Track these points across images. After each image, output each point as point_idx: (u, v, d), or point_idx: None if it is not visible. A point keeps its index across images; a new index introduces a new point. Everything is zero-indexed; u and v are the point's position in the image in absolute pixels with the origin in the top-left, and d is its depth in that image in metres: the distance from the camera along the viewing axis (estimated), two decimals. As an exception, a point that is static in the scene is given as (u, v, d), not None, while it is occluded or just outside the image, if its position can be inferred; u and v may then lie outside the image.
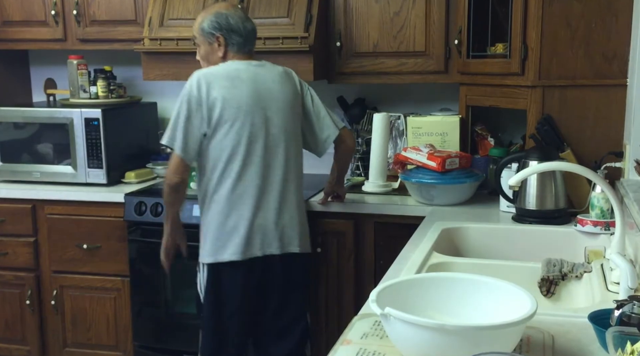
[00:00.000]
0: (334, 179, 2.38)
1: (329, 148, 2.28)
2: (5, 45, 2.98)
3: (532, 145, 2.20)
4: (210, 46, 2.12)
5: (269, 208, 2.08)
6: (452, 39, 2.51)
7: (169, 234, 2.22)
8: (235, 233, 2.06)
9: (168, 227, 2.22)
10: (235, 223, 2.06)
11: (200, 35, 2.14)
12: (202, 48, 2.15)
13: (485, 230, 2.02)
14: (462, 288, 1.20)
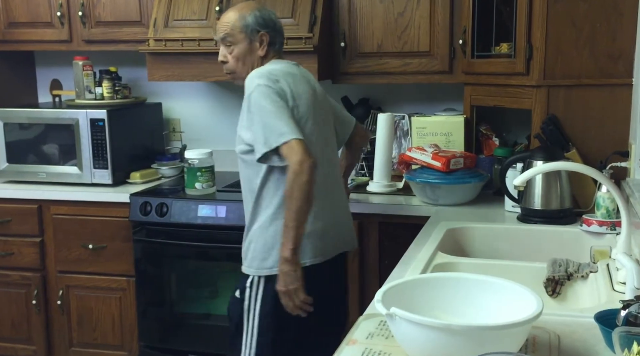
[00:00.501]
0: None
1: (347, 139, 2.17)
2: (11, 47, 2.99)
3: (537, 145, 2.20)
4: (250, 44, 1.91)
5: (338, 206, 1.99)
6: (456, 39, 2.51)
7: (296, 263, 1.77)
8: (314, 235, 1.86)
9: (294, 244, 1.76)
10: (314, 226, 1.85)
11: (239, 32, 1.91)
12: (238, 46, 1.91)
13: (490, 230, 2.02)
14: (468, 288, 1.20)
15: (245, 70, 1.93)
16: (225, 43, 1.93)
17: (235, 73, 1.95)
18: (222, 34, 1.93)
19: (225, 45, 1.94)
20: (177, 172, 2.91)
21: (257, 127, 1.79)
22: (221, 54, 1.95)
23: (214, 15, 2.59)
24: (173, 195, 2.62)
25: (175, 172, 2.92)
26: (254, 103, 1.81)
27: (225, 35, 1.93)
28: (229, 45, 1.93)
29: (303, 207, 1.74)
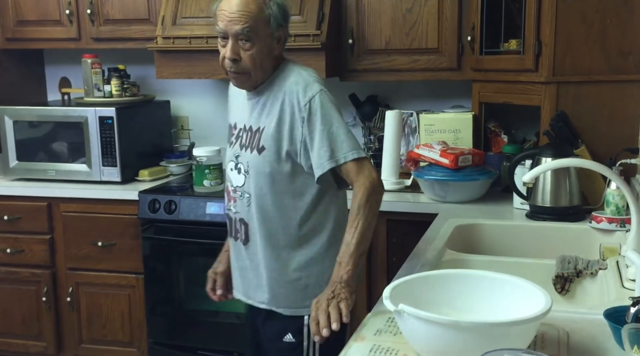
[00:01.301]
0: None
1: None
2: (20, 45, 3.01)
3: (546, 141, 2.18)
4: (271, 43, 1.60)
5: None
6: (464, 35, 2.50)
7: (354, 289, 1.52)
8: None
9: (356, 266, 1.53)
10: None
11: (265, 26, 1.57)
12: (260, 43, 1.57)
13: (499, 227, 2.01)
14: (476, 285, 1.20)
15: (262, 74, 1.62)
16: (241, 37, 1.55)
17: (250, 75, 1.60)
18: (242, 26, 1.53)
19: (238, 40, 1.56)
20: (186, 169, 2.92)
21: (322, 139, 1.55)
22: (231, 51, 1.56)
23: (221, 13, 2.60)
24: (181, 193, 2.63)
25: (184, 170, 2.93)
26: (319, 111, 1.56)
27: (245, 29, 1.54)
28: (247, 41, 1.56)
29: (373, 226, 1.57)
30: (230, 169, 1.71)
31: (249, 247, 1.69)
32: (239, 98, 1.73)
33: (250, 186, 1.65)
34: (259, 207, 1.64)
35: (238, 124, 1.72)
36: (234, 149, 1.70)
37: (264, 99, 1.64)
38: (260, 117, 1.64)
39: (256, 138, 1.63)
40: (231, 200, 1.71)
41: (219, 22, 1.58)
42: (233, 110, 1.79)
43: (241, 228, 1.69)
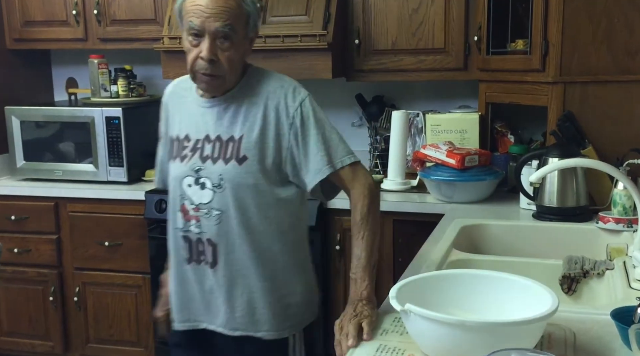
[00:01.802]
0: None
1: None
2: (27, 45, 3.03)
3: (552, 142, 2.18)
4: (246, 44, 1.49)
5: None
6: (471, 35, 2.49)
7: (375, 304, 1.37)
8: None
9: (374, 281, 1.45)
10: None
11: (244, 26, 1.45)
12: (238, 45, 1.45)
13: (505, 228, 2.01)
14: (483, 284, 1.20)
15: (234, 79, 1.48)
16: (221, 35, 1.41)
17: (224, 79, 1.46)
18: (222, 23, 1.40)
19: (215, 38, 1.41)
20: (192, 169, 2.92)
21: (318, 145, 1.46)
22: (209, 50, 1.41)
23: (228, 13, 2.60)
24: (188, 193, 2.63)
25: (190, 170, 2.93)
26: (312, 115, 1.48)
27: (226, 26, 1.41)
28: (225, 39, 1.42)
29: (378, 234, 1.49)
30: (187, 185, 1.51)
31: (218, 269, 1.51)
32: (184, 107, 1.56)
33: (222, 201, 1.48)
34: (241, 223, 1.48)
35: (192, 135, 1.53)
36: (190, 163, 1.51)
37: (236, 106, 1.49)
38: (233, 126, 1.48)
39: (232, 148, 1.48)
40: (191, 219, 1.51)
41: (191, 18, 1.41)
42: (176, 121, 1.58)
43: (207, 250, 1.51)
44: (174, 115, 1.60)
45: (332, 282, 2.48)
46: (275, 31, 2.52)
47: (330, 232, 2.45)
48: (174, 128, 1.59)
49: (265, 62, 2.55)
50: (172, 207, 1.57)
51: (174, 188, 1.56)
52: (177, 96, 1.61)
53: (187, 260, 1.55)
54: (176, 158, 1.55)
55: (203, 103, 1.53)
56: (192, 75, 1.47)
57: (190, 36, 1.43)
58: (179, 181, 1.53)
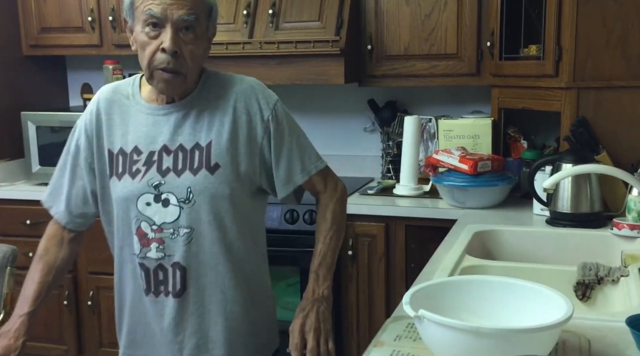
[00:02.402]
0: None
1: None
2: (43, 51, 3.06)
3: (566, 147, 2.17)
4: (206, 41, 1.35)
5: None
6: (484, 41, 2.49)
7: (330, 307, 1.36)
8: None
9: (331, 280, 1.40)
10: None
11: (206, 18, 1.33)
12: (202, 40, 1.32)
13: (519, 233, 2.00)
14: (497, 291, 1.20)
15: (193, 80, 1.35)
16: (184, 25, 1.28)
17: (185, 77, 1.32)
18: (187, 12, 1.27)
19: (177, 29, 1.27)
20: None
21: (292, 150, 1.39)
22: (172, 40, 1.26)
23: (241, 19, 2.62)
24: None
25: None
26: (285, 120, 1.39)
27: (191, 15, 1.27)
28: (188, 30, 1.28)
29: (342, 237, 1.47)
30: (145, 204, 1.34)
31: (186, 297, 1.36)
32: (128, 116, 1.38)
33: (192, 218, 1.33)
34: (215, 240, 1.34)
35: (142, 147, 1.35)
36: (146, 179, 1.34)
37: (197, 112, 1.35)
38: (196, 132, 1.34)
39: (200, 157, 1.33)
40: (150, 243, 1.35)
41: (150, 5, 1.26)
42: (116, 132, 1.38)
43: (173, 277, 1.35)
44: (111, 126, 1.39)
45: (344, 287, 2.48)
46: (288, 37, 2.54)
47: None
48: (113, 141, 1.38)
49: (279, 68, 2.57)
50: (123, 232, 1.39)
51: (123, 211, 1.36)
52: (116, 104, 1.40)
53: (145, 292, 1.39)
54: (123, 175, 1.36)
55: (155, 111, 1.36)
56: (149, 74, 1.31)
57: (148, 26, 1.28)
58: (133, 201, 1.35)
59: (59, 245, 1.52)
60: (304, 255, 2.40)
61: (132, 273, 1.41)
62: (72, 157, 1.45)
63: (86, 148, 1.42)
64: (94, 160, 1.42)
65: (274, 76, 2.58)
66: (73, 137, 1.46)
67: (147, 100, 1.39)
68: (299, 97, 2.93)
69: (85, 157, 1.43)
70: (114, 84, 1.47)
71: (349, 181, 2.78)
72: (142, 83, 1.41)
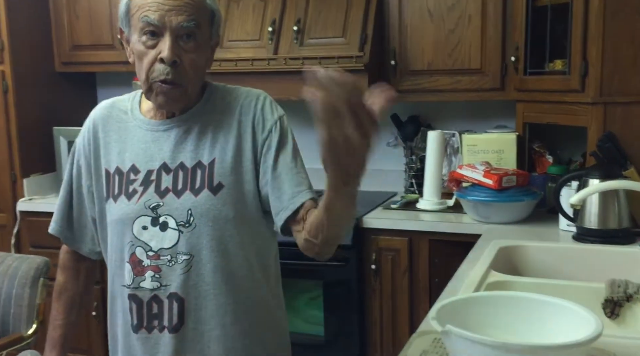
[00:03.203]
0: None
1: None
2: (75, 68, 3.14)
3: (592, 162, 2.15)
4: (209, 50, 1.27)
5: None
6: (508, 55, 2.49)
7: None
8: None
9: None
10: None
11: (208, 25, 1.24)
12: (202, 46, 1.22)
13: (545, 249, 1.98)
14: (524, 307, 1.19)
15: (195, 92, 1.26)
16: (185, 32, 1.19)
17: (186, 90, 1.22)
18: (187, 17, 1.18)
19: (177, 36, 1.18)
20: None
21: (298, 166, 1.25)
22: (172, 50, 1.17)
23: (267, 36, 2.66)
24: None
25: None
26: (289, 133, 1.28)
27: (191, 21, 1.18)
28: (189, 38, 1.19)
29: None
30: (141, 228, 1.23)
31: (184, 333, 1.24)
32: (125, 133, 1.29)
33: (192, 243, 1.22)
34: (217, 268, 1.23)
35: (140, 166, 1.26)
36: (143, 200, 1.23)
37: (200, 127, 1.26)
38: (199, 149, 1.24)
39: (202, 176, 1.23)
40: (145, 271, 1.23)
41: (146, 12, 1.17)
42: (113, 150, 1.29)
43: (169, 310, 1.22)
44: (108, 143, 1.30)
45: (367, 302, 2.48)
46: (312, 53, 2.57)
47: (366, 251, 2.46)
48: (110, 160, 1.28)
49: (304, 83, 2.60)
50: (116, 259, 1.28)
51: (117, 235, 1.26)
52: (113, 120, 1.31)
53: (134, 328, 1.25)
54: (119, 197, 1.25)
55: (155, 126, 1.27)
56: (147, 86, 1.21)
57: (145, 35, 1.18)
58: (128, 224, 1.23)
59: (75, 278, 1.44)
60: (326, 268, 2.42)
61: (122, 307, 1.27)
62: (74, 180, 1.37)
63: (86, 170, 1.33)
64: (92, 182, 1.32)
65: (299, 91, 2.58)
66: (73, 158, 1.37)
67: (146, 115, 1.29)
68: (323, 111, 2.94)
69: (86, 181, 1.34)
70: (112, 99, 1.38)
71: (372, 195, 2.80)
72: (143, 99, 1.31)
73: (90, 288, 1.50)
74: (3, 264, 2.25)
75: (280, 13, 2.68)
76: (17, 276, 2.20)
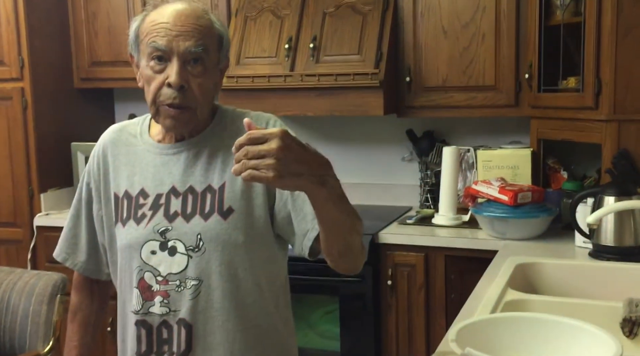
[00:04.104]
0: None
1: None
2: (93, 84, 3.20)
3: (607, 179, 2.16)
4: (218, 74, 1.28)
5: None
6: (522, 73, 2.51)
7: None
8: None
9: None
10: None
11: (216, 50, 1.25)
12: (210, 71, 1.24)
13: (562, 266, 1.99)
14: (543, 328, 1.21)
15: (205, 116, 1.25)
16: (192, 57, 1.20)
17: (195, 113, 1.22)
18: (194, 43, 1.19)
19: (184, 61, 1.20)
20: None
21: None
22: (179, 74, 1.18)
23: (283, 53, 2.70)
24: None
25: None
26: None
27: (199, 46, 1.20)
28: (197, 62, 1.21)
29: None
30: (150, 252, 1.23)
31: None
32: (134, 157, 1.29)
33: (201, 268, 1.21)
34: (226, 294, 1.22)
35: (149, 190, 1.26)
36: (152, 224, 1.23)
37: (210, 151, 1.25)
38: (209, 173, 1.24)
39: (212, 200, 1.22)
40: (154, 296, 1.22)
41: (154, 38, 1.19)
42: (122, 174, 1.29)
43: (178, 336, 1.22)
44: (118, 167, 1.30)
45: (383, 318, 2.50)
46: (328, 70, 2.60)
47: (382, 267, 2.48)
48: (119, 184, 1.29)
49: (319, 100, 2.64)
50: (125, 284, 1.27)
51: (127, 260, 1.25)
52: (122, 144, 1.31)
53: (143, 355, 1.24)
54: (127, 221, 1.25)
55: (164, 150, 1.27)
56: (155, 110, 1.22)
57: (153, 60, 1.20)
58: (137, 249, 1.23)
59: (89, 297, 1.44)
60: (342, 283, 2.44)
61: (130, 335, 1.26)
62: (85, 204, 1.36)
63: (96, 194, 1.33)
64: (102, 206, 1.32)
65: (315, 107, 2.65)
66: (83, 182, 1.37)
67: (155, 138, 1.29)
68: (338, 127, 2.98)
69: (96, 207, 1.33)
70: (122, 123, 1.39)
71: (387, 210, 2.82)
72: (152, 122, 1.32)
73: (105, 307, 1.49)
74: (20, 281, 2.28)
75: (296, 30, 2.72)
76: (34, 293, 2.22)
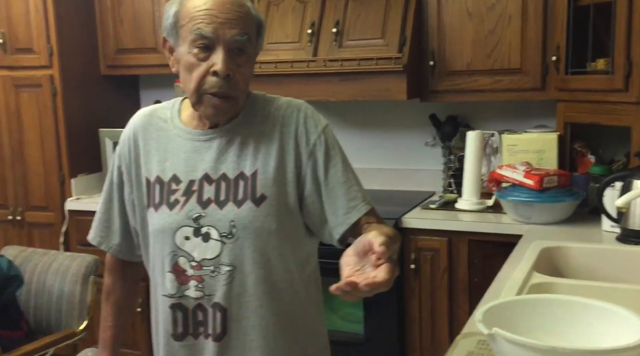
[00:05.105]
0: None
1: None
2: (119, 71, 3.24)
3: (637, 163, 2.13)
4: (254, 61, 1.27)
5: None
6: (549, 55, 2.47)
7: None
8: None
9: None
10: None
11: (255, 37, 1.24)
12: (252, 61, 1.24)
13: (588, 251, 1.97)
14: (570, 310, 1.20)
15: (243, 100, 1.26)
16: (237, 46, 1.18)
17: (237, 101, 1.23)
18: (240, 31, 1.18)
19: (229, 50, 1.18)
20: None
21: (349, 177, 1.26)
22: (224, 63, 1.17)
23: (306, 38, 2.70)
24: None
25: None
26: (337, 144, 1.28)
27: (244, 35, 1.18)
28: (241, 52, 1.19)
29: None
30: (184, 238, 1.24)
31: (226, 342, 1.24)
32: (165, 141, 1.29)
33: (234, 254, 1.22)
34: (259, 280, 1.23)
35: (182, 176, 1.26)
36: (185, 210, 1.24)
37: (242, 137, 1.25)
38: (241, 160, 1.24)
39: (244, 187, 1.22)
40: (189, 281, 1.24)
41: (199, 24, 1.17)
42: (153, 159, 1.29)
43: (211, 319, 1.24)
44: (148, 152, 1.29)
45: (407, 301, 2.51)
46: (351, 54, 2.60)
47: (405, 251, 2.48)
48: (150, 169, 1.28)
49: (342, 85, 2.63)
50: (157, 268, 1.28)
51: (160, 244, 1.26)
52: (153, 128, 1.31)
53: (179, 336, 1.27)
54: (160, 206, 1.26)
55: (197, 136, 1.27)
56: (197, 98, 1.21)
57: (197, 48, 1.18)
58: (170, 234, 1.24)
59: (122, 279, 1.46)
60: (367, 268, 2.44)
61: (163, 317, 1.29)
62: (117, 187, 1.36)
63: (127, 179, 1.32)
64: (133, 190, 1.31)
65: (338, 93, 2.65)
66: (114, 166, 1.36)
67: (187, 124, 1.29)
68: (361, 112, 2.98)
69: (127, 190, 1.33)
70: (151, 107, 1.37)
71: (410, 195, 2.82)
72: (183, 107, 1.31)
73: (137, 289, 1.52)
74: (55, 262, 2.35)
75: (319, 15, 2.71)
76: (68, 274, 2.30)
